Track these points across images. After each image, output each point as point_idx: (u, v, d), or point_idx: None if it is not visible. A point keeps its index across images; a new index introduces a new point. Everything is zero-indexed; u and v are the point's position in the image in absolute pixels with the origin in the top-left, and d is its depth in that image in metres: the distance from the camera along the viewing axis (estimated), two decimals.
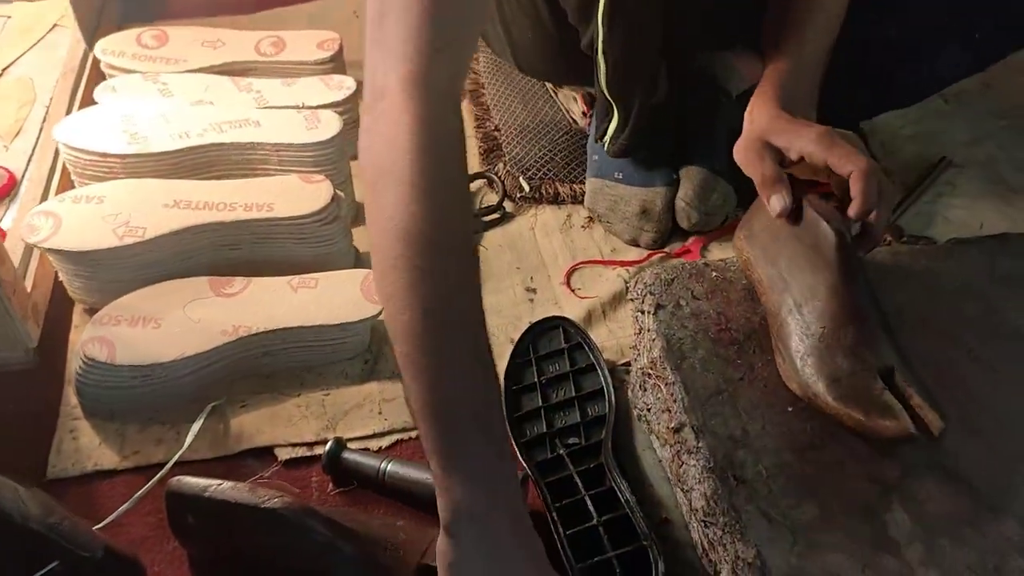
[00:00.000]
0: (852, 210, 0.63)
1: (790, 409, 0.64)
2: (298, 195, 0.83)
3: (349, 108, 0.97)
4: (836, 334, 0.62)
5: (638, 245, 0.96)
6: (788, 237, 0.68)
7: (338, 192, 0.84)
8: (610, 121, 0.90)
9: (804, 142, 0.66)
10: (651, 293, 0.73)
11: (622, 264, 0.93)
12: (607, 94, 0.86)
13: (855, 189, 0.63)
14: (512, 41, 0.97)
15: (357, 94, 0.99)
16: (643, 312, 0.73)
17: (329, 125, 0.88)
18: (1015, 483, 0.59)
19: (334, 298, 0.79)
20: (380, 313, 0.79)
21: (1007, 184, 1.06)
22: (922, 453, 0.61)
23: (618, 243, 0.96)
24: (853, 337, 0.61)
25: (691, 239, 0.96)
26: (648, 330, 0.72)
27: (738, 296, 0.73)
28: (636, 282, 0.75)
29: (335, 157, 0.88)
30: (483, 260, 0.94)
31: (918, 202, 1.01)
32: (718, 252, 0.94)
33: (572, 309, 0.88)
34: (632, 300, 0.75)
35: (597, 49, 0.80)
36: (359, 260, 0.90)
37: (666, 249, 0.95)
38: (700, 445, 0.62)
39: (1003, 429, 0.62)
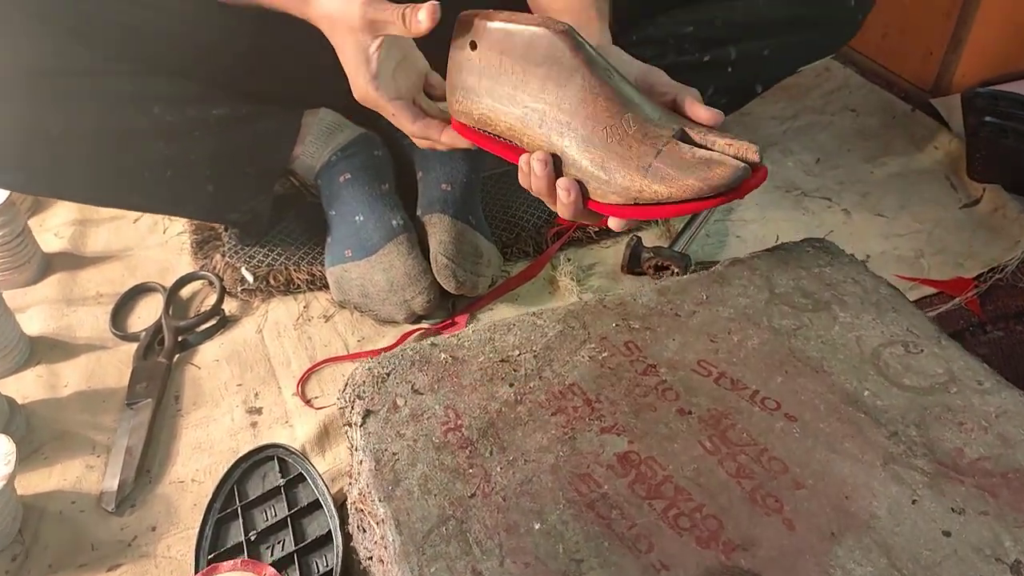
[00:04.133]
0: None
1: (537, 527, 0.47)
2: None
3: None
4: (619, 130, 0.55)
5: (421, 318, 0.79)
6: (517, 68, 0.57)
7: None
8: None
9: None
10: (359, 397, 0.56)
11: (371, 355, 0.76)
12: None
13: None
14: None
15: None
16: (351, 425, 0.55)
17: None
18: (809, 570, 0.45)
19: None
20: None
21: (800, 189, 0.98)
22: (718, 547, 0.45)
23: (368, 330, 0.79)
24: (635, 121, 0.55)
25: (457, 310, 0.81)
26: (357, 449, 0.54)
27: (473, 379, 0.57)
28: (345, 385, 0.58)
29: None
30: (193, 384, 0.74)
31: (707, 222, 0.90)
32: (491, 319, 0.79)
33: (305, 425, 0.69)
34: (341, 410, 0.57)
35: None
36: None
37: (426, 324, 0.79)
38: None
39: (808, 498, 0.48)
